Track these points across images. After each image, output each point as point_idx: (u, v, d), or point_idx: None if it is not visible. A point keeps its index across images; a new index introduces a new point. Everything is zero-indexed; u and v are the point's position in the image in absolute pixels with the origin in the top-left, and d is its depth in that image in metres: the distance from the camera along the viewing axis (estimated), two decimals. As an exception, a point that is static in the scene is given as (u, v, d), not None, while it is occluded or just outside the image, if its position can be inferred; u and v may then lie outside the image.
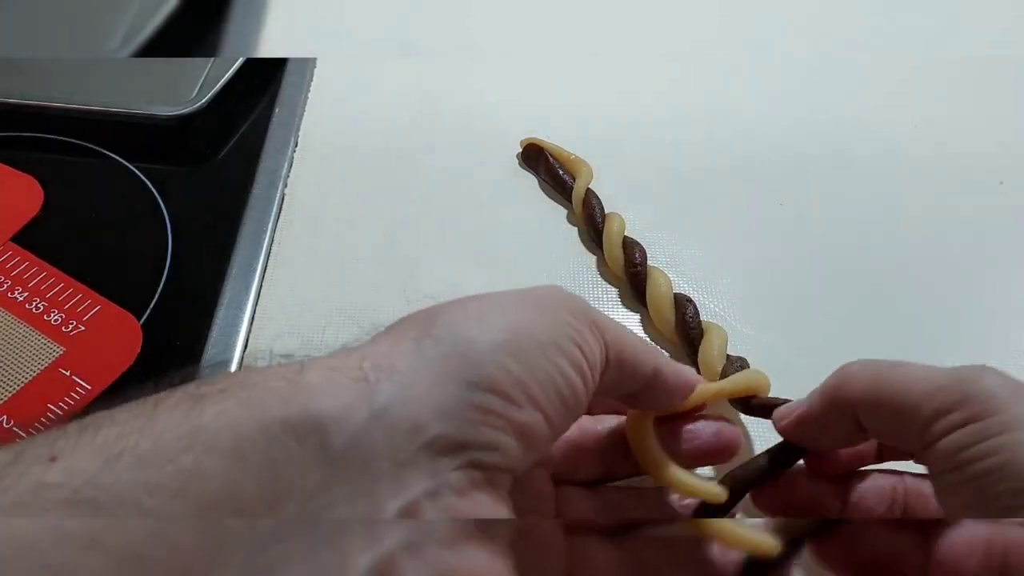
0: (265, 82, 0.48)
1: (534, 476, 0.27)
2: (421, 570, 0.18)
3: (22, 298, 0.37)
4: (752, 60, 0.50)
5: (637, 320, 0.38)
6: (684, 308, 0.35)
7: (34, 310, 0.37)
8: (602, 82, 0.49)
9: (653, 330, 0.37)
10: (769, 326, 0.37)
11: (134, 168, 0.43)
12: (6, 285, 0.38)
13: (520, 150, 0.45)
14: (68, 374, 0.35)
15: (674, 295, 0.36)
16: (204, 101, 0.44)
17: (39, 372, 0.35)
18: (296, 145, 0.45)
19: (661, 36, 0.50)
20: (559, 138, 0.44)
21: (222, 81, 0.45)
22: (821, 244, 0.41)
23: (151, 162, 0.43)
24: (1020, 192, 0.44)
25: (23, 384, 0.34)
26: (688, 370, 0.28)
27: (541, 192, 0.43)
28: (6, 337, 0.36)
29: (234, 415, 0.19)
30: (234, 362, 0.35)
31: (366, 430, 0.19)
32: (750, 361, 0.33)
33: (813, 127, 0.47)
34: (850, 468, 0.27)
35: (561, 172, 0.42)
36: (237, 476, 0.18)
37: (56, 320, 0.36)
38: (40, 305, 0.37)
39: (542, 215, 0.42)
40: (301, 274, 0.39)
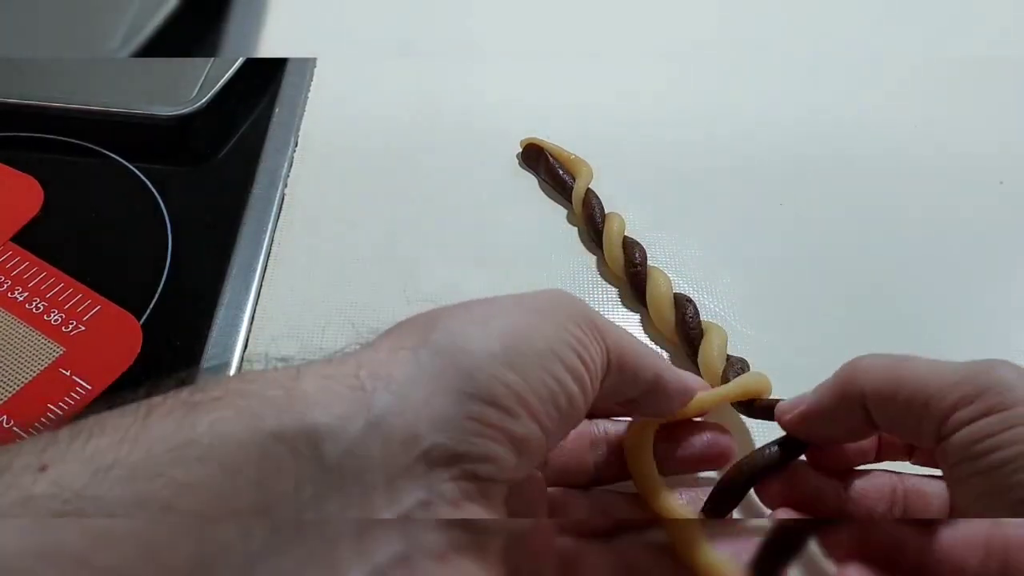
0: (265, 82, 0.48)
1: (528, 482, 0.27)
2: None
3: (22, 298, 0.37)
4: (752, 60, 0.50)
5: (637, 320, 0.38)
6: (684, 308, 0.35)
7: (34, 310, 0.37)
8: (602, 82, 0.49)
9: (653, 330, 0.37)
10: (769, 326, 0.37)
11: (134, 168, 0.43)
12: (6, 285, 0.38)
13: (520, 150, 0.45)
14: (68, 374, 0.35)
15: (674, 295, 0.36)
16: (204, 101, 0.44)
17: (39, 372, 0.35)
18: (296, 145, 0.45)
19: (661, 36, 0.50)
20: (559, 138, 0.44)
21: (222, 81, 0.45)
22: (821, 244, 0.41)
23: (151, 162, 0.43)
24: (1020, 192, 0.44)
25: (23, 384, 0.34)
26: (689, 376, 0.28)
27: (541, 192, 0.43)
28: (6, 337, 0.36)
29: (228, 426, 0.18)
30: (234, 362, 0.35)
31: (362, 441, 0.19)
32: (750, 361, 0.33)
33: (813, 127, 0.47)
34: (852, 463, 0.27)
35: (561, 172, 0.42)
36: (229, 490, 0.18)
37: (56, 320, 0.36)
38: (40, 305, 0.37)
39: (542, 215, 0.42)
40: (301, 274, 0.39)
